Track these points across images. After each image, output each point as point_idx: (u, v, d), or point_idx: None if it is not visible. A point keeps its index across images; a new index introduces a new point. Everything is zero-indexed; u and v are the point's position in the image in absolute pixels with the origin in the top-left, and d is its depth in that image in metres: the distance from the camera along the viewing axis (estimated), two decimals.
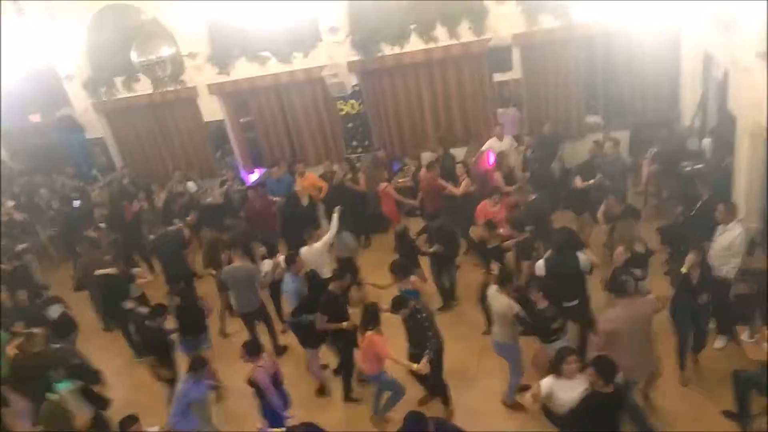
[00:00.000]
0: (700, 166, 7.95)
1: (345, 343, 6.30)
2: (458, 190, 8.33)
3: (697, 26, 8.22)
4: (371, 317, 5.53)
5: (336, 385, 6.80)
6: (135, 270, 7.97)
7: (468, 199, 8.15)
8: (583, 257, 5.88)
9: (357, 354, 6.03)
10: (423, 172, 8.93)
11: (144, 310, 7.00)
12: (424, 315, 5.65)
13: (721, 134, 7.84)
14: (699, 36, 8.29)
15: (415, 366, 5.45)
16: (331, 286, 6.29)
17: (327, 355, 6.97)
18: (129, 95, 11.61)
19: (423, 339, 5.62)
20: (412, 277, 6.35)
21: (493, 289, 5.70)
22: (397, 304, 5.65)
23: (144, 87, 11.36)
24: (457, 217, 8.11)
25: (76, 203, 10.94)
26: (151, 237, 8.91)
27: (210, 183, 11.21)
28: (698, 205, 6.85)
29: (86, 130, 12.32)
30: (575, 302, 5.84)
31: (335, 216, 7.58)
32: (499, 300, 5.58)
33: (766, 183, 6.54)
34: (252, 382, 5.41)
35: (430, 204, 8.51)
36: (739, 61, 6.56)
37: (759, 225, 6.73)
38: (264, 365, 5.42)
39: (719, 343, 5.97)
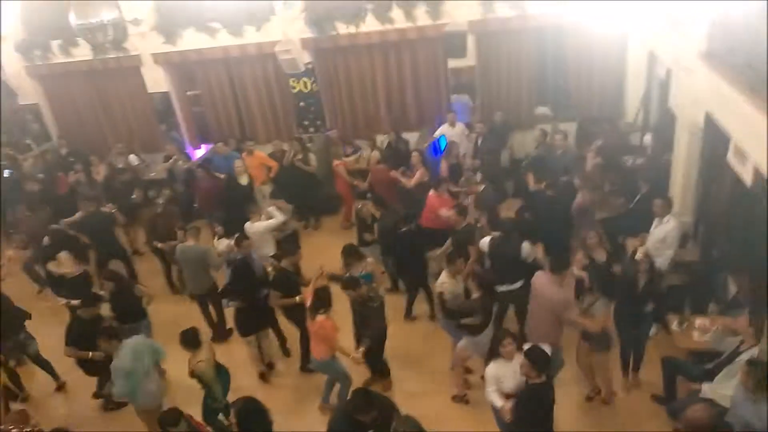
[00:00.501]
0: (641, 160, 8.27)
1: (300, 317, 6.20)
2: (410, 182, 8.23)
3: (644, 25, 8.48)
4: (322, 301, 5.47)
5: (280, 368, 6.78)
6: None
7: (422, 186, 8.09)
8: (528, 247, 6.03)
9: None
10: (373, 159, 8.87)
11: (76, 302, 6.47)
12: (375, 304, 5.66)
13: (661, 131, 8.17)
14: (645, 34, 8.56)
15: (352, 355, 5.48)
16: (283, 262, 6.36)
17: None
18: (66, 60, 10.96)
19: (368, 324, 5.65)
20: (369, 260, 6.33)
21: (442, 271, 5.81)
22: (348, 285, 5.62)
23: (83, 52, 10.75)
24: (409, 203, 8.09)
25: (6, 173, 10.29)
26: (78, 214, 8.17)
27: (153, 158, 10.79)
28: (637, 199, 7.14)
29: (18, 95, 11.56)
30: (517, 285, 5.99)
31: (279, 210, 7.48)
32: (440, 279, 5.73)
33: (699, 179, 6.87)
34: (195, 374, 5.23)
35: (382, 191, 8.40)
36: (680, 60, 6.80)
37: (692, 219, 7.08)
38: (206, 359, 5.23)
39: (651, 330, 6.26)
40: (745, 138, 4.86)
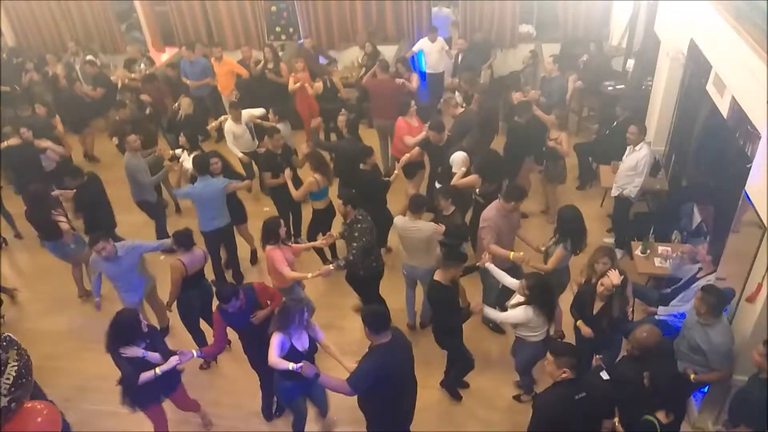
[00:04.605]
0: (621, 86, 8.12)
1: (281, 198, 6.38)
2: (413, 84, 7.94)
3: None
4: (271, 233, 5.01)
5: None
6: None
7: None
8: (458, 157, 6.11)
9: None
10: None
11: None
12: (361, 226, 5.21)
13: (645, 56, 7.97)
14: None
15: (309, 275, 4.98)
16: (270, 145, 6.43)
17: None
18: None
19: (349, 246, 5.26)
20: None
21: (403, 220, 5.26)
22: (347, 200, 5.32)
23: None
24: None
25: None
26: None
27: (114, 59, 10.16)
28: (614, 125, 7.06)
29: None
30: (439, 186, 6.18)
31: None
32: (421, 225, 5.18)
33: (677, 108, 6.78)
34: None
35: (381, 105, 7.78)
36: None
37: (665, 148, 7.06)
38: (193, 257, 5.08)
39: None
40: (726, 68, 4.73)
